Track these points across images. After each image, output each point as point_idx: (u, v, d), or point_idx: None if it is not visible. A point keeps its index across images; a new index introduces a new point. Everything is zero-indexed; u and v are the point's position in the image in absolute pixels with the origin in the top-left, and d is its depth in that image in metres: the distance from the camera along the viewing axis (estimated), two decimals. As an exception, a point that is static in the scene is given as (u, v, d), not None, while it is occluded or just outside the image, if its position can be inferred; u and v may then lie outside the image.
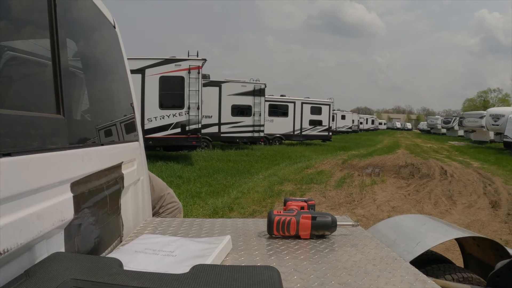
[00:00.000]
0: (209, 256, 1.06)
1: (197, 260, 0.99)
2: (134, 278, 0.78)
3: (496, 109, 26.44)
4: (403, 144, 29.75)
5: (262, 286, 0.77)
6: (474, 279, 2.01)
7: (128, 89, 1.93)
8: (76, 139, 1.03)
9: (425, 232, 2.18)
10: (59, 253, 0.86)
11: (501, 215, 6.60)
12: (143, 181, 1.89)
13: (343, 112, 45.49)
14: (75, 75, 1.23)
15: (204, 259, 1.03)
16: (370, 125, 68.28)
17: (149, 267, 0.97)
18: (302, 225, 1.30)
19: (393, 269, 1.11)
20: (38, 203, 0.78)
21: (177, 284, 0.76)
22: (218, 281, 0.78)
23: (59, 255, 0.83)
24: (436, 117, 58.16)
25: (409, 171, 12.33)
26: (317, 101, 23.81)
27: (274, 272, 0.85)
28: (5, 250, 0.65)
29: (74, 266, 0.79)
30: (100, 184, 1.14)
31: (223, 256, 1.16)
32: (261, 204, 6.93)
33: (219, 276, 0.81)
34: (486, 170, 12.79)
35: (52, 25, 0.95)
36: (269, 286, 0.77)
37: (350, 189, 8.78)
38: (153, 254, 1.08)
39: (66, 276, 0.73)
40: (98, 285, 0.73)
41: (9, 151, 0.70)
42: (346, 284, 1.00)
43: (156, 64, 12.31)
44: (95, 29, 1.52)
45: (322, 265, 1.12)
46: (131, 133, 1.85)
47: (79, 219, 0.98)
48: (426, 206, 7.23)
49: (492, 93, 75.67)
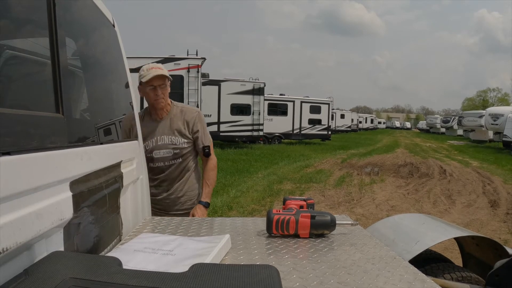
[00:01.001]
0: (208, 255, 1.06)
1: (196, 259, 0.99)
2: (133, 277, 0.78)
3: (495, 109, 26.47)
4: (402, 143, 29.78)
5: (261, 285, 0.77)
6: (473, 278, 2.01)
7: (128, 88, 1.92)
8: (76, 138, 1.03)
9: (424, 231, 2.19)
10: (58, 252, 0.86)
11: (500, 215, 6.61)
12: (142, 180, 1.89)
13: (342, 111, 45.45)
14: (75, 74, 1.23)
15: (203, 258, 1.03)
16: (369, 124, 68.30)
17: (149, 266, 0.97)
18: (301, 224, 1.30)
19: (392, 268, 1.11)
20: (38, 202, 0.78)
21: (177, 283, 0.76)
22: (217, 280, 0.78)
23: (58, 254, 0.83)
24: (436, 117, 58.19)
25: (408, 170, 12.34)
26: (316, 100, 23.80)
27: (273, 271, 0.85)
28: (5, 249, 0.65)
29: (73, 265, 0.79)
30: (100, 183, 1.14)
31: (222, 255, 1.16)
32: (260, 203, 6.93)
33: (218, 275, 0.81)
34: (485, 170, 12.81)
35: (51, 24, 0.95)
36: (268, 285, 0.77)
37: (349, 188, 8.79)
38: (152, 253, 1.08)
39: (65, 275, 0.73)
40: (97, 284, 0.73)
41: (9, 150, 0.69)
42: (345, 283, 1.00)
43: (155, 62, 12.31)
44: (94, 28, 1.52)
45: (321, 264, 1.13)
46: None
47: (78, 218, 0.98)
48: (425, 205, 7.24)
49: (492, 92, 75.76)
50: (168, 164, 2.31)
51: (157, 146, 2.27)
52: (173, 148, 2.28)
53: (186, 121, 2.32)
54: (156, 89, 2.17)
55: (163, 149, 2.28)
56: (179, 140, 2.29)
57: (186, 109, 2.36)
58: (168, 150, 2.28)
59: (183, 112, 2.33)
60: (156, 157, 2.28)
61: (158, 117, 2.30)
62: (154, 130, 2.28)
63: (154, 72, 2.13)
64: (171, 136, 2.28)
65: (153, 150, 2.27)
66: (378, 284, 1.00)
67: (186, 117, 2.32)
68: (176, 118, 2.31)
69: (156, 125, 2.29)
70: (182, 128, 2.30)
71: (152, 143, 2.27)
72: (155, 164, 2.30)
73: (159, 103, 2.21)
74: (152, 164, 2.29)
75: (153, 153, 2.27)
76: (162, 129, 2.29)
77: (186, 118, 2.32)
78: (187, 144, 2.33)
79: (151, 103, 2.24)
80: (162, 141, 2.28)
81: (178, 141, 2.29)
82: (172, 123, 2.30)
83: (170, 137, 2.28)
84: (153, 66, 2.21)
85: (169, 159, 2.30)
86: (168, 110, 2.32)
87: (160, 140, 2.27)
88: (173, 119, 2.30)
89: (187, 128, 2.32)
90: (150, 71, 2.15)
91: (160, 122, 2.29)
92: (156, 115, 2.30)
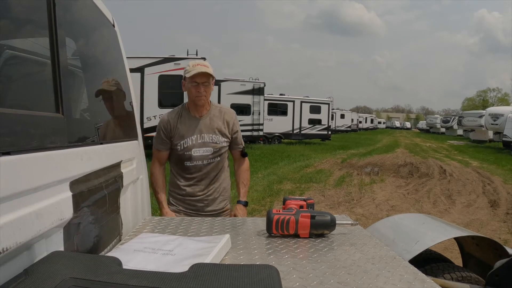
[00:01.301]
0: (208, 255, 1.06)
1: (197, 259, 0.99)
2: (133, 277, 0.78)
3: (495, 109, 26.46)
4: (402, 143, 29.77)
5: (261, 285, 0.77)
6: (473, 278, 2.01)
7: (127, 88, 1.92)
8: (75, 138, 1.03)
9: (424, 231, 2.19)
10: (58, 252, 0.86)
11: (500, 214, 6.60)
12: (142, 179, 1.89)
13: (342, 111, 45.44)
14: (75, 74, 1.23)
15: (203, 258, 1.03)
16: (369, 124, 68.29)
17: (148, 266, 0.97)
18: (301, 224, 1.30)
19: (392, 268, 1.11)
20: (38, 202, 0.78)
21: (176, 283, 0.76)
22: (217, 280, 0.78)
23: (58, 254, 0.83)
24: (436, 117, 58.18)
25: (408, 170, 12.34)
26: (316, 100, 23.80)
27: (273, 270, 0.85)
28: (5, 249, 0.65)
29: (73, 264, 0.79)
30: (99, 183, 1.14)
31: (222, 255, 1.16)
32: (260, 203, 6.93)
33: (218, 275, 0.81)
34: (485, 170, 12.81)
35: (51, 24, 0.95)
36: (268, 285, 0.77)
37: (349, 188, 8.79)
38: (152, 253, 1.08)
39: (65, 275, 0.73)
40: (97, 284, 0.73)
41: (9, 150, 0.69)
42: (345, 283, 1.00)
43: (155, 63, 12.31)
44: (94, 28, 1.52)
45: (321, 264, 1.13)
46: (130, 132, 1.85)
47: (78, 218, 0.98)
48: (425, 205, 7.24)
49: (492, 92, 75.74)
50: (206, 162, 2.27)
51: (197, 144, 2.23)
52: (213, 147, 2.25)
53: (226, 120, 2.30)
54: (199, 86, 2.13)
55: (203, 147, 2.24)
56: (219, 139, 2.27)
57: (225, 110, 2.35)
58: (208, 148, 2.25)
59: (223, 112, 2.32)
60: (195, 155, 2.23)
61: (198, 115, 2.26)
62: (193, 127, 2.24)
63: (199, 69, 2.10)
64: (212, 135, 2.26)
65: (192, 147, 2.22)
66: (378, 284, 1.00)
67: (226, 117, 2.31)
68: (216, 117, 2.29)
69: (196, 122, 2.25)
70: (223, 128, 2.29)
71: (192, 140, 2.23)
72: (193, 163, 2.25)
73: (200, 100, 2.17)
74: (189, 162, 2.24)
75: (192, 151, 2.22)
76: (202, 127, 2.25)
77: (226, 118, 2.31)
78: (226, 143, 2.32)
79: (192, 100, 2.20)
80: (203, 139, 2.24)
81: (219, 140, 2.27)
82: (213, 122, 2.27)
83: (210, 135, 2.25)
84: (199, 62, 2.19)
85: (208, 157, 2.26)
86: (208, 109, 2.29)
87: (200, 138, 2.23)
88: (213, 118, 2.28)
89: (227, 127, 2.31)
90: (196, 67, 2.13)
91: (200, 120, 2.25)
92: (195, 112, 2.26)
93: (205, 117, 2.26)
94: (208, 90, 2.18)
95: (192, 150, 2.22)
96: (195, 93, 2.15)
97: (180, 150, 2.21)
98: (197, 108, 2.24)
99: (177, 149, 2.22)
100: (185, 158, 2.22)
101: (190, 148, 2.22)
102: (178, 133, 2.21)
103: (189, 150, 2.21)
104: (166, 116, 2.27)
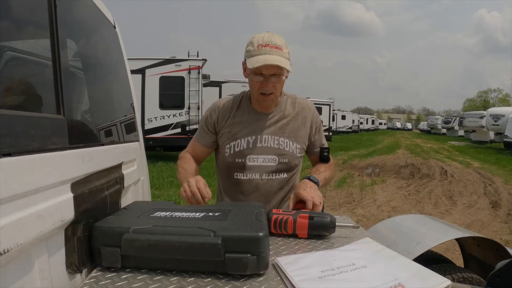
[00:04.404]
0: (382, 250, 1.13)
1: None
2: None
3: (496, 109, 26.42)
4: (403, 144, 29.75)
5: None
6: (474, 279, 2.01)
7: (128, 89, 1.93)
8: (77, 139, 1.03)
9: (425, 232, 2.18)
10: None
11: (501, 215, 6.59)
12: (143, 181, 1.89)
13: (343, 112, 45.50)
14: (75, 75, 1.23)
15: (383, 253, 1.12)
16: (370, 125, 68.28)
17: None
18: (299, 224, 1.30)
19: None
20: (38, 203, 0.78)
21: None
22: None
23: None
24: (436, 117, 58.18)
25: (409, 171, 12.33)
26: (317, 101, 23.78)
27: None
28: (5, 250, 0.65)
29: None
30: (101, 184, 1.14)
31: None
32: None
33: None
34: (486, 170, 12.79)
35: (52, 25, 0.95)
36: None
37: (350, 189, 8.78)
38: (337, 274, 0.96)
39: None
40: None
41: (9, 151, 0.70)
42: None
43: (156, 64, 12.31)
44: (95, 29, 1.52)
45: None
46: (131, 133, 1.85)
47: (79, 219, 0.98)
48: (426, 206, 7.23)
49: (492, 93, 75.80)
50: (266, 178, 1.60)
51: (255, 149, 1.58)
52: (279, 155, 1.59)
53: (304, 117, 1.66)
54: (266, 81, 1.47)
55: (264, 155, 1.58)
56: (290, 146, 1.61)
57: (302, 102, 1.68)
58: (271, 157, 1.59)
59: (299, 105, 1.66)
60: (250, 164, 1.58)
61: (263, 110, 1.62)
62: (253, 124, 1.60)
63: (266, 59, 1.40)
64: (280, 138, 1.60)
65: (248, 153, 1.58)
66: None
67: (305, 112, 1.66)
68: (289, 112, 1.64)
69: (258, 118, 1.61)
70: (299, 129, 1.64)
71: (248, 143, 1.58)
72: (247, 176, 1.59)
73: (266, 100, 1.54)
74: (242, 175, 1.60)
75: (247, 158, 1.58)
76: (267, 125, 1.61)
77: (305, 114, 1.66)
78: (300, 153, 1.67)
79: (255, 97, 1.56)
80: (265, 142, 1.59)
81: (290, 147, 1.61)
82: (283, 119, 1.62)
83: (278, 138, 1.60)
84: (268, 42, 1.43)
85: (270, 170, 1.60)
86: (278, 102, 1.63)
87: (261, 141, 1.58)
88: (285, 114, 1.63)
89: (305, 127, 1.66)
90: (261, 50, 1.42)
91: (265, 115, 1.62)
92: (259, 106, 1.61)
93: (274, 113, 1.63)
94: (279, 86, 1.51)
95: (247, 157, 1.58)
96: (259, 89, 1.50)
97: (229, 156, 1.59)
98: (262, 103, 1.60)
99: (224, 153, 1.60)
100: (237, 168, 1.60)
101: (245, 154, 1.58)
102: (228, 130, 1.61)
103: (242, 156, 1.58)
104: (219, 101, 1.67)
